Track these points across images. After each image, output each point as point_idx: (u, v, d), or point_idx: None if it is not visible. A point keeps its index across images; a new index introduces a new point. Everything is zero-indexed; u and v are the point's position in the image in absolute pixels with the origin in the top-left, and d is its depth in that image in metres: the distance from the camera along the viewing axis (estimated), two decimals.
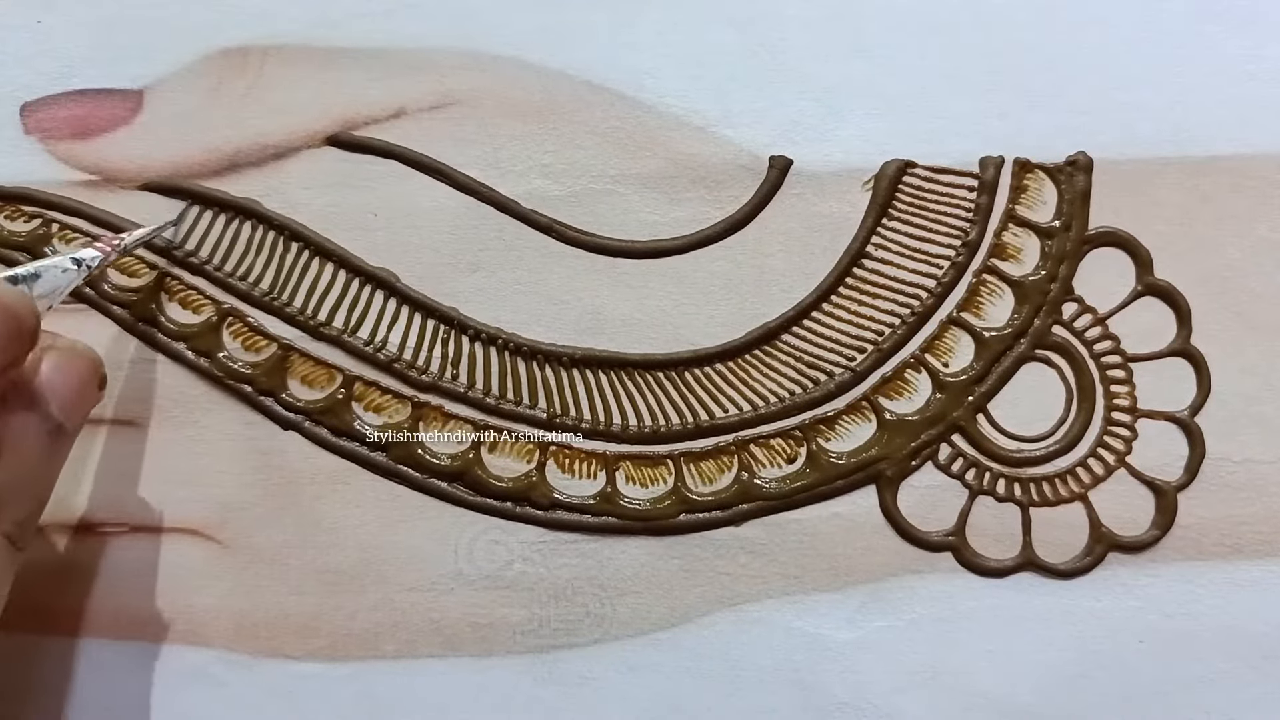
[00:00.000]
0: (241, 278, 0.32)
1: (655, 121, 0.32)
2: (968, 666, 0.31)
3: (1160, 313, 0.32)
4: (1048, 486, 0.32)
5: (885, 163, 0.32)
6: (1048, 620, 0.31)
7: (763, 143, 0.32)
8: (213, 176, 0.32)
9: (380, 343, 0.32)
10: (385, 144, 0.32)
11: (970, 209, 0.32)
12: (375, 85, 0.32)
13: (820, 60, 0.32)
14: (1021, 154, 0.32)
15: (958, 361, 0.32)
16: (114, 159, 0.32)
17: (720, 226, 0.32)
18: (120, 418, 0.31)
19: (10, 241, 0.31)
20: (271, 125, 0.32)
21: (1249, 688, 0.31)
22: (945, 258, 0.32)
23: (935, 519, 0.32)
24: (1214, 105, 0.32)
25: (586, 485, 0.32)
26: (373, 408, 0.32)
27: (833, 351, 0.32)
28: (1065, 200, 0.32)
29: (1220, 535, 0.31)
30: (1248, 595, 0.31)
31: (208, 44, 0.32)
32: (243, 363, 0.32)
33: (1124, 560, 0.32)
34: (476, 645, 0.31)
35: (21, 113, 0.31)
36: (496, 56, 0.32)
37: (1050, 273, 0.32)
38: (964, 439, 0.32)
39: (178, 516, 0.31)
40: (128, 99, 0.32)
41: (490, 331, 0.32)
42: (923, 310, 0.32)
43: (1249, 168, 0.32)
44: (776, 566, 0.31)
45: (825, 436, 0.32)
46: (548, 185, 0.32)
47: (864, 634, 0.31)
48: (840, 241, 0.32)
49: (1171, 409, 0.32)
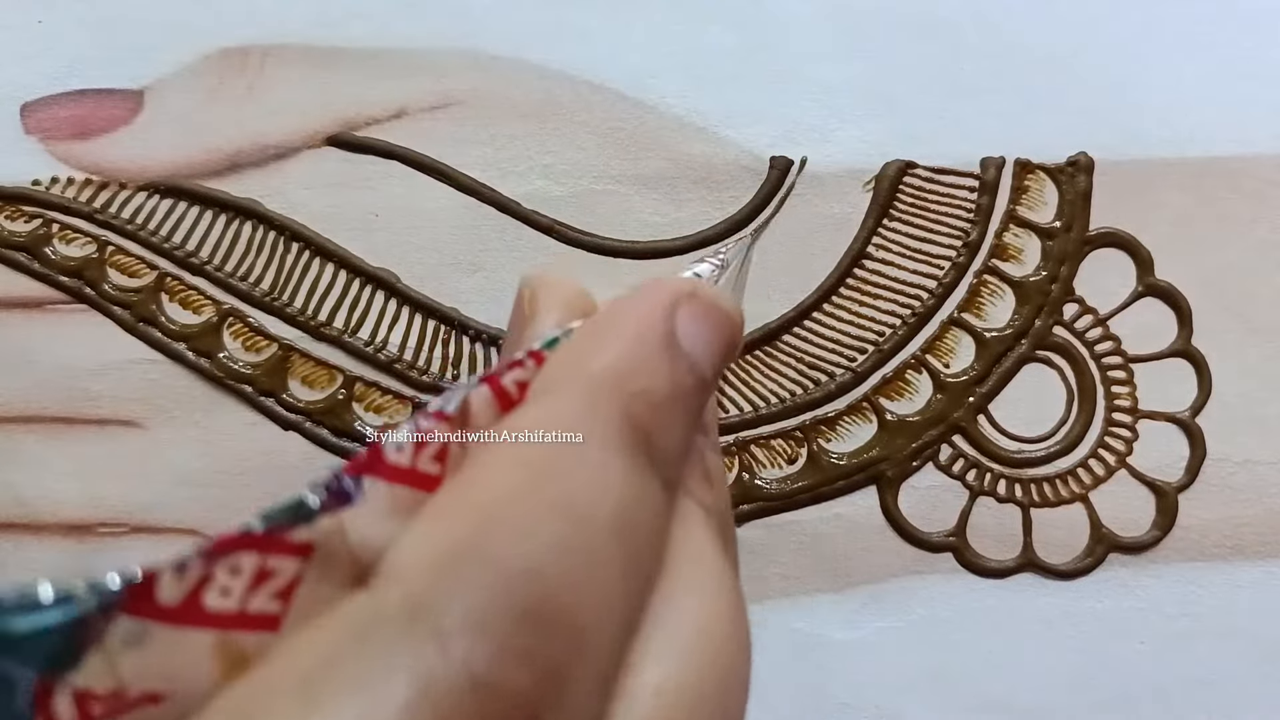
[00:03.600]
0: (242, 278, 0.32)
1: (656, 122, 0.32)
2: (968, 667, 0.31)
3: (1161, 313, 0.32)
4: (1048, 487, 0.32)
5: (886, 163, 0.32)
6: (1048, 621, 0.31)
7: (763, 143, 0.32)
8: (213, 176, 0.31)
9: (381, 343, 0.32)
10: (386, 144, 0.32)
11: (971, 210, 0.32)
12: (376, 85, 0.32)
13: (821, 60, 0.32)
14: (1022, 155, 0.32)
15: (958, 362, 0.32)
16: (114, 159, 0.31)
17: (721, 226, 0.32)
18: (120, 418, 0.31)
19: (10, 241, 0.31)
20: (272, 125, 0.31)
21: (1249, 688, 0.31)
22: (946, 258, 0.32)
23: (936, 520, 0.32)
24: (1214, 105, 0.32)
25: None
26: (373, 408, 0.32)
27: (833, 352, 0.32)
28: (1066, 201, 0.32)
29: (1221, 536, 0.32)
30: (1248, 596, 0.31)
31: (208, 44, 0.32)
32: (243, 363, 0.32)
33: (1124, 561, 0.32)
34: None
35: (21, 113, 0.31)
36: (497, 57, 0.32)
37: (1051, 273, 0.32)
38: (965, 440, 0.32)
39: (178, 516, 0.31)
40: (128, 99, 0.32)
41: (491, 332, 0.32)
42: (923, 311, 0.32)
43: (1249, 168, 0.32)
44: (777, 567, 0.31)
45: (826, 437, 0.32)
46: (549, 186, 0.32)
47: (864, 634, 0.31)
48: (841, 242, 0.32)
49: (1172, 410, 0.32)
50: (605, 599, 0.15)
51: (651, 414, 0.18)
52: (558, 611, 0.14)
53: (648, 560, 0.17)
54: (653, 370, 0.18)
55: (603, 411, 0.17)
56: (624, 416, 0.17)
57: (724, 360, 0.20)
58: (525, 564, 0.14)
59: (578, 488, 0.16)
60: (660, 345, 0.18)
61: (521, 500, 0.15)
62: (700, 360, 0.19)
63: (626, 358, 0.18)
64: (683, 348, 0.19)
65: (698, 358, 0.19)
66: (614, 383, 0.17)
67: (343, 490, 0.14)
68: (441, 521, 0.15)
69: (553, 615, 0.14)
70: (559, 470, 0.16)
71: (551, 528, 0.15)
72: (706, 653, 0.17)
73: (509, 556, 0.14)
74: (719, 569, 0.18)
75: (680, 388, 0.19)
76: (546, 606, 0.14)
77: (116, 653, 0.12)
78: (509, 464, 0.16)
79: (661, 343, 0.19)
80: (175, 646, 0.13)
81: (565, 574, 0.15)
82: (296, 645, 0.13)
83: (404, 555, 0.14)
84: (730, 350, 0.21)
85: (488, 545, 0.14)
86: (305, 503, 0.14)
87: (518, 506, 0.15)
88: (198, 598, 0.13)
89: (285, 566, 0.13)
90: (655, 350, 0.18)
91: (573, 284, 0.22)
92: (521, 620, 0.14)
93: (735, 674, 0.17)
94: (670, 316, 0.19)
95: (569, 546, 0.15)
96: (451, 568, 0.14)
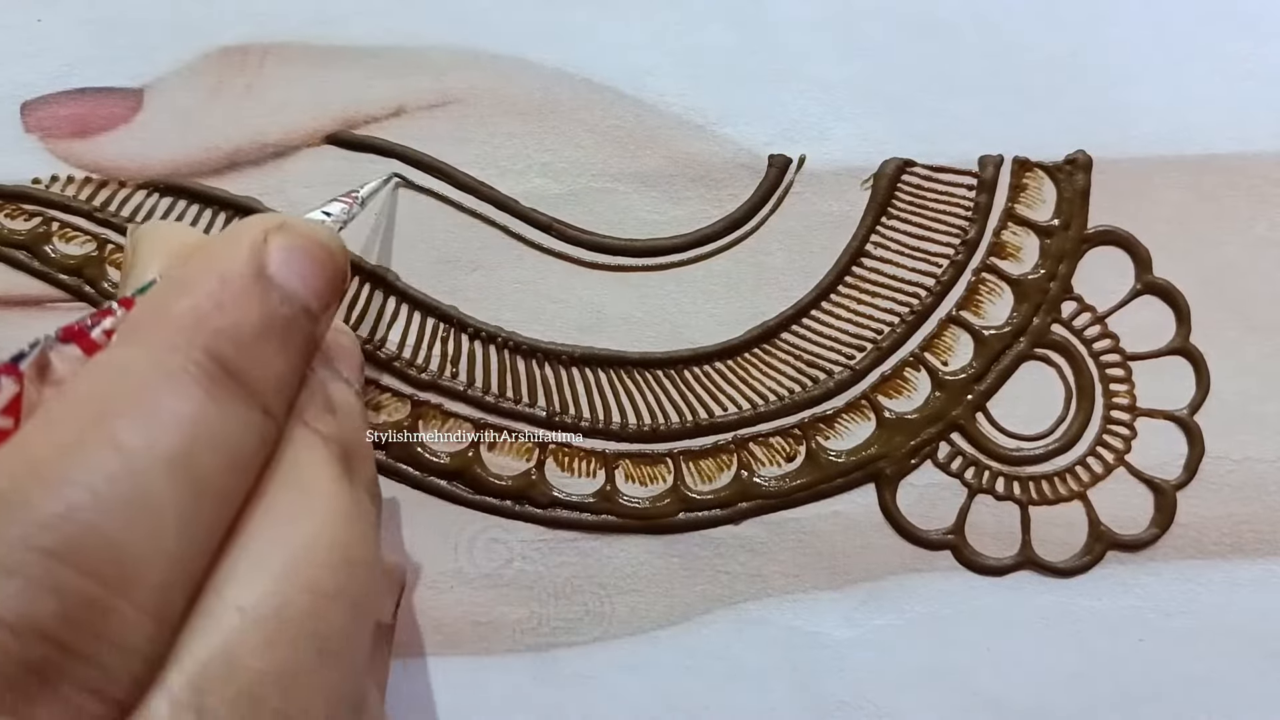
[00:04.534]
0: None
1: (655, 120, 0.32)
2: (967, 665, 0.31)
3: (1159, 311, 0.32)
4: (1047, 485, 0.32)
5: (884, 161, 0.32)
6: (1047, 619, 0.31)
7: (762, 141, 0.32)
8: (212, 175, 0.32)
9: (379, 341, 0.32)
10: (385, 142, 0.32)
11: (969, 207, 0.32)
12: (375, 84, 0.32)
13: (819, 59, 0.32)
14: (1021, 153, 0.32)
15: (957, 360, 0.32)
16: (114, 158, 0.32)
17: (720, 225, 0.32)
18: None
19: (10, 240, 0.31)
20: (271, 124, 0.32)
21: (1249, 688, 0.31)
22: (944, 256, 0.32)
23: (934, 517, 0.32)
24: (1214, 105, 0.32)
25: (586, 484, 0.32)
26: (372, 406, 0.32)
27: (832, 350, 0.32)
28: (1064, 199, 0.32)
29: (1220, 534, 0.31)
30: (1248, 594, 0.31)
31: (208, 43, 0.32)
32: None
33: (1123, 559, 0.32)
34: (476, 643, 0.31)
35: (22, 111, 0.32)
36: (496, 55, 0.32)
37: (1049, 271, 0.32)
38: (963, 437, 0.32)
39: None
40: (128, 98, 0.32)
41: (489, 330, 0.32)
42: (922, 309, 0.32)
43: (1248, 167, 0.32)
44: (776, 565, 0.31)
45: (824, 435, 0.32)
46: (547, 183, 0.32)
47: (863, 632, 0.31)
48: (839, 240, 0.32)
49: (1171, 408, 0.32)
50: (157, 527, 0.16)
51: (240, 349, 0.18)
52: (93, 546, 0.15)
53: (232, 486, 0.17)
54: (240, 306, 0.18)
55: (180, 350, 0.17)
56: (205, 353, 0.17)
57: (327, 290, 0.21)
58: (59, 507, 0.15)
59: (131, 425, 0.16)
60: (247, 281, 0.19)
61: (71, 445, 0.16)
62: (296, 291, 0.20)
63: (210, 296, 0.18)
64: (275, 281, 0.19)
65: (293, 289, 0.19)
66: (193, 322, 0.18)
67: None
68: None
69: (85, 550, 0.15)
70: (112, 411, 0.16)
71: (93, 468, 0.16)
72: (298, 573, 0.17)
73: (41, 501, 0.15)
74: (328, 493, 0.19)
75: (274, 319, 0.19)
76: (77, 542, 0.15)
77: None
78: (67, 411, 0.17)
79: (248, 278, 0.19)
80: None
81: (107, 510, 0.15)
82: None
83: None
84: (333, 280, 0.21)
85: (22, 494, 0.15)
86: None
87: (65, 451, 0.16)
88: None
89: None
90: (242, 286, 0.19)
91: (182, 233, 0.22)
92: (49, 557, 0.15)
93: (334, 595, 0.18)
94: (259, 252, 0.19)
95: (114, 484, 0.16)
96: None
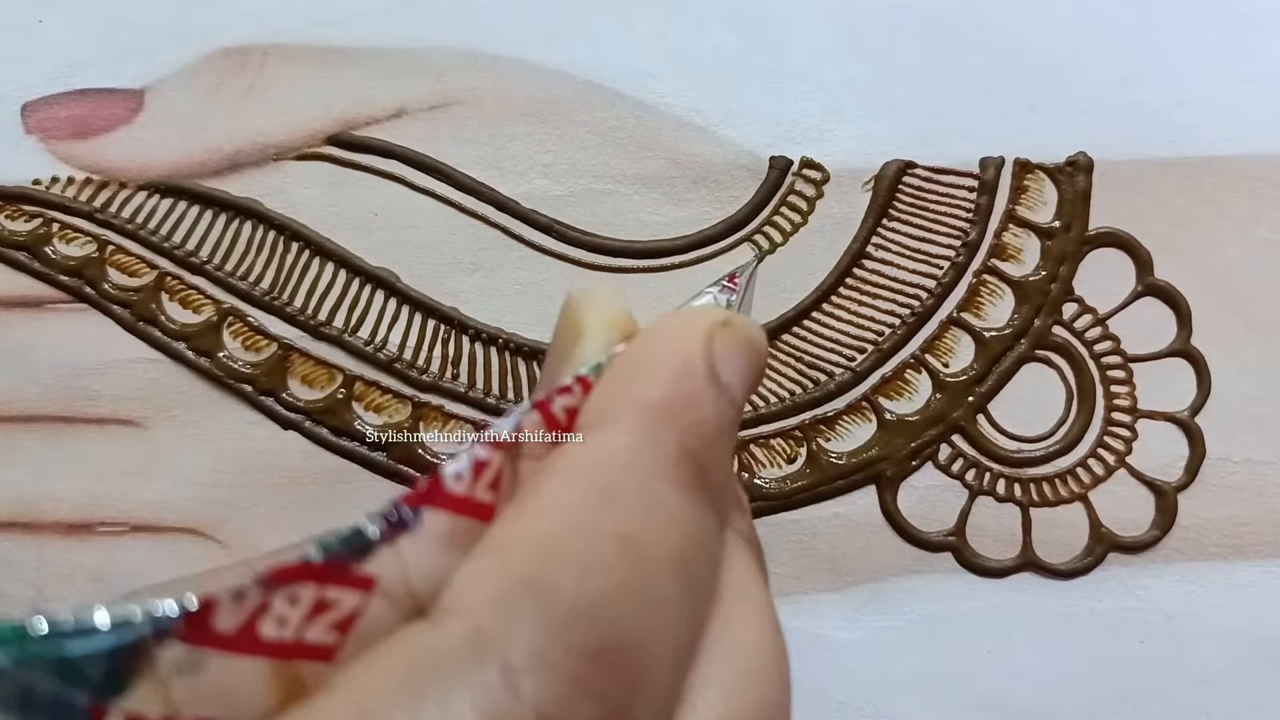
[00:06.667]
0: (242, 277, 0.32)
1: (656, 121, 0.32)
2: (967, 666, 0.31)
3: (1160, 313, 0.32)
4: (1048, 487, 0.32)
5: (885, 163, 0.32)
6: (1047, 620, 0.31)
7: (763, 143, 0.32)
8: (213, 176, 0.32)
9: (380, 342, 0.32)
10: (385, 144, 0.32)
11: (970, 209, 0.32)
12: (376, 85, 0.32)
13: (820, 60, 0.32)
14: (1022, 154, 0.32)
15: (958, 362, 0.32)
16: (114, 159, 0.32)
17: (720, 226, 0.32)
18: (120, 417, 0.31)
19: (10, 241, 0.31)
20: (272, 125, 0.32)
21: (1249, 688, 0.31)
22: (945, 258, 0.32)
23: (935, 519, 0.32)
24: (1214, 105, 0.32)
25: None
26: (373, 407, 0.32)
27: (833, 352, 0.32)
28: (1065, 201, 0.32)
29: (1220, 536, 0.31)
30: (1248, 595, 0.31)
31: (208, 44, 0.32)
32: (243, 362, 0.32)
33: (1124, 560, 0.32)
34: None
35: (22, 113, 0.31)
36: (497, 56, 0.32)
37: (1050, 273, 0.32)
38: (964, 439, 0.32)
39: (177, 516, 0.31)
40: (128, 99, 0.32)
41: (491, 331, 0.32)
42: (923, 310, 0.32)
43: (1249, 168, 0.32)
44: (776, 566, 0.31)
45: (825, 437, 0.32)
46: (548, 185, 0.32)
47: (864, 634, 0.31)
48: (840, 242, 0.32)
49: (1172, 409, 0.32)
50: (666, 634, 0.15)
51: (703, 446, 0.17)
52: (623, 649, 0.14)
53: (704, 594, 0.17)
54: (702, 402, 0.18)
55: (661, 444, 0.17)
56: (680, 449, 0.17)
57: (753, 390, 0.20)
58: (591, 601, 0.14)
59: (639, 521, 0.16)
60: (706, 377, 0.18)
61: (583, 533, 0.15)
62: (737, 393, 0.19)
63: (678, 390, 0.18)
64: (723, 380, 0.19)
65: (734, 389, 0.19)
66: (669, 415, 0.17)
67: (401, 521, 0.14)
68: (504, 554, 0.15)
69: (618, 652, 0.14)
70: (620, 503, 0.16)
71: (614, 562, 0.15)
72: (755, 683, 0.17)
73: (574, 593, 0.14)
74: (763, 600, 0.18)
75: (724, 419, 0.18)
76: (612, 644, 0.14)
77: (170, 678, 0.12)
78: (569, 495, 0.16)
79: (707, 375, 0.18)
80: (230, 673, 0.12)
81: (630, 611, 0.15)
82: (356, 674, 0.13)
83: (467, 588, 0.14)
84: (758, 380, 0.20)
85: (552, 580, 0.14)
86: (364, 533, 0.14)
87: (580, 540, 0.15)
88: (254, 626, 0.13)
89: (345, 599, 0.13)
90: (702, 383, 0.18)
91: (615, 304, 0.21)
92: (588, 658, 0.14)
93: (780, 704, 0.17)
94: (710, 347, 0.19)
95: (632, 582, 0.15)
96: (516, 602, 0.14)
